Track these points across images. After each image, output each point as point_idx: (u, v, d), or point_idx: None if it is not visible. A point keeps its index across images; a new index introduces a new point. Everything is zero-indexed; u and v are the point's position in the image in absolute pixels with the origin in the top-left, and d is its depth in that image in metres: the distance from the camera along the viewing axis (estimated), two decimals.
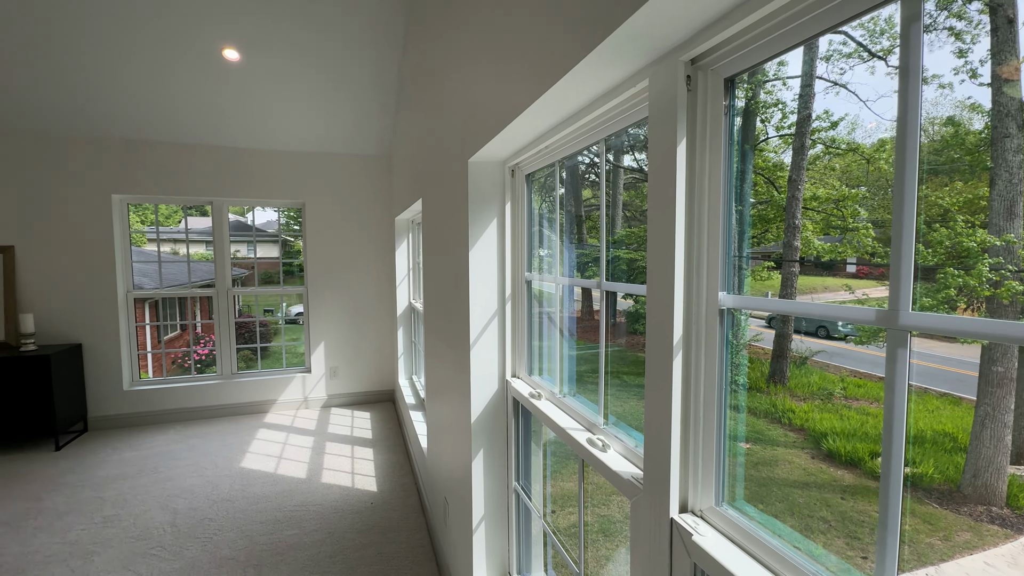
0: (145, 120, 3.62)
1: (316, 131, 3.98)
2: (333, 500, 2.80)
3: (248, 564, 2.23)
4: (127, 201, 4.02)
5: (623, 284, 1.18)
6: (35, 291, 3.73)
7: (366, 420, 4.13)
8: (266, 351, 4.81)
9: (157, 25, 2.74)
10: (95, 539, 2.42)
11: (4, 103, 3.29)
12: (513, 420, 1.66)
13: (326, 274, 4.41)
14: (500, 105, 1.28)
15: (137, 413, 4.01)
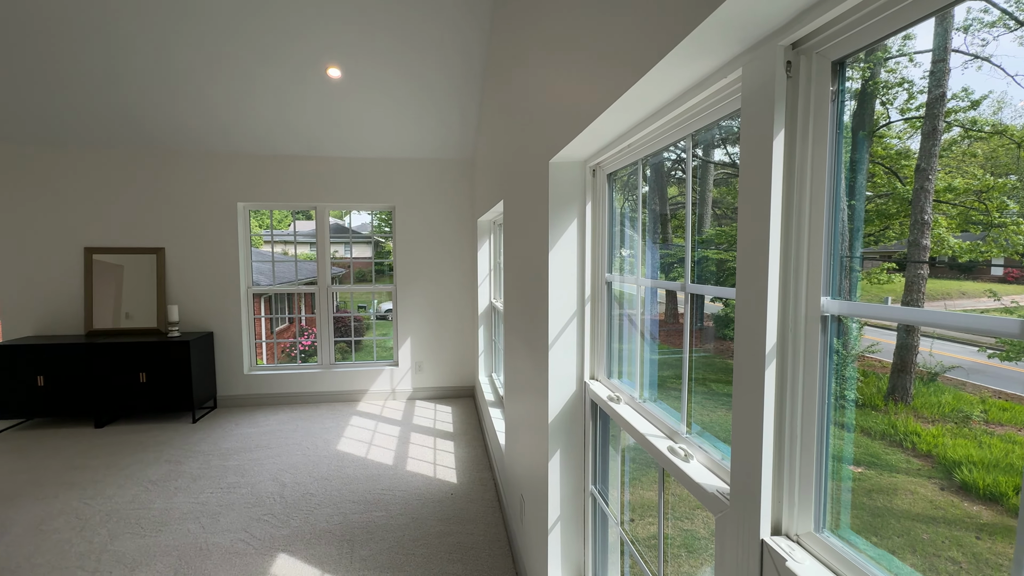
0: (264, 137, 4.09)
1: (405, 138, 4.22)
2: (416, 488, 2.96)
3: (343, 539, 2.43)
4: (249, 208, 4.57)
5: (710, 287, 1.11)
6: (179, 286, 4.38)
7: (448, 414, 4.31)
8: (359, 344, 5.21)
9: (278, 55, 3.08)
10: (220, 502, 2.78)
11: (165, 127, 3.90)
12: (591, 422, 1.63)
13: (413, 273, 4.67)
14: (581, 105, 1.27)
15: (254, 395, 4.55)
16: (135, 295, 4.30)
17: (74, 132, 3.94)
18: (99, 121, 3.80)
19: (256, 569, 2.20)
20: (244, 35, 2.94)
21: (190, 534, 2.47)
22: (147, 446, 3.58)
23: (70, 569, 2.20)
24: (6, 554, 2.30)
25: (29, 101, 3.52)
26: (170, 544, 2.38)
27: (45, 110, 3.63)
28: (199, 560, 2.26)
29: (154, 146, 4.19)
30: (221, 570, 2.19)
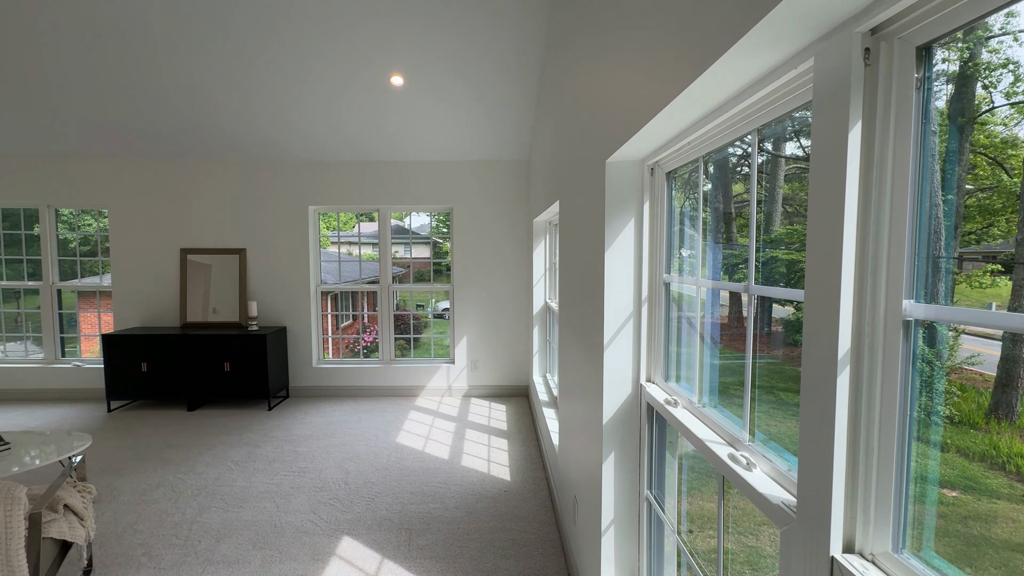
0: (331, 144, 4.35)
1: (463, 141, 4.33)
2: (471, 483, 3.02)
3: (401, 527, 2.54)
4: (318, 211, 4.88)
5: (776, 288, 1.06)
6: (258, 283, 4.76)
7: (502, 412, 4.36)
8: (417, 342, 5.40)
9: (346, 68, 3.27)
10: (292, 484, 2.99)
11: (248, 139, 4.25)
12: (647, 426, 1.60)
13: (470, 273, 4.77)
14: (640, 102, 1.25)
15: (321, 386, 4.84)
16: (221, 292, 4.72)
17: (173, 146, 4.39)
18: (193, 136, 4.21)
19: (323, 549, 2.35)
20: (316, 53, 3.14)
21: (266, 512, 2.68)
22: (230, 429, 3.92)
23: (166, 536, 2.45)
24: (115, 519, 2.61)
25: (140, 121, 3.97)
26: (249, 519, 2.60)
27: (151, 128, 4.08)
28: (274, 536, 2.45)
29: (238, 156, 4.58)
30: (293, 547, 2.36)
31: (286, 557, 2.29)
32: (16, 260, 4.90)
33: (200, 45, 3.10)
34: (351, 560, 2.27)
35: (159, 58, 3.23)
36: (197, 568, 2.21)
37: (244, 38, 3.04)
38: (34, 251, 4.86)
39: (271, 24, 2.92)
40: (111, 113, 3.88)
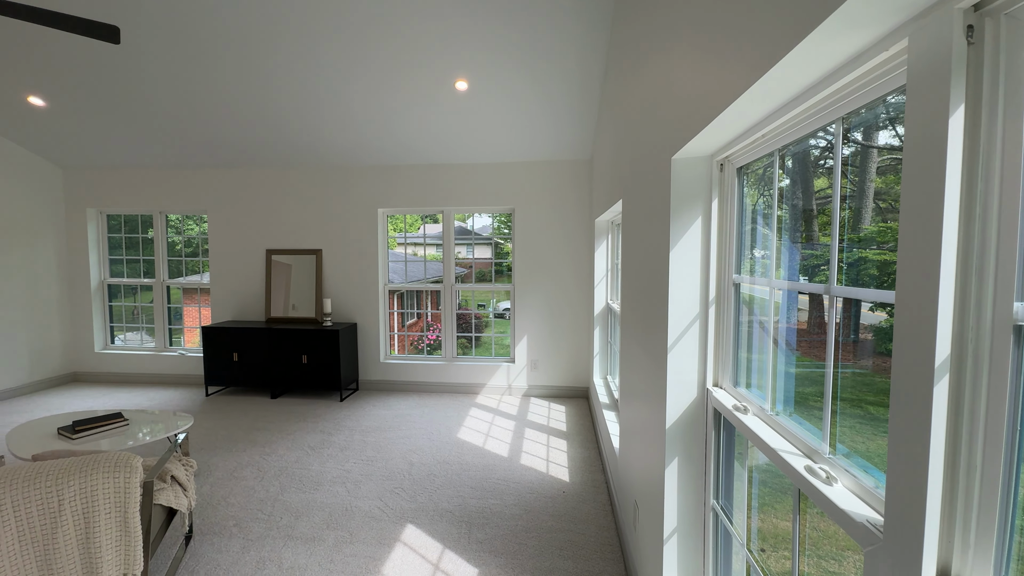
0: (400, 149, 4.56)
1: (525, 142, 4.37)
2: (529, 482, 3.04)
3: (461, 520, 2.61)
4: (387, 213, 5.13)
5: (860, 289, 0.98)
6: (332, 281, 5.09)
7: (561, 413, 4.35)
8: (478, 340, 5.52)
9: (413, 76, 3.42)
10: (362, 472, 3.17)
11: (324, 149, 4.58)
12: (713, 432, 1.54)
13: (531, 273, 4.80)
14: (709, 95, 1.21)
15: (388, 381, 5.08)
16: (300, 289, 5.10)
17: (261, 157, 4.81)
18: (277, 147, 4.58)
19: (389, 534, 2.47)
20: (387, 64, 3.31)
21: (338, 496, 2.86)
22: (306, 417, 4.22)
23: (252, 511, 2.69)
24: (211, 492, 2.91)
25: (233, 136, 4.39)
26: (324, 501, 2.79)
27: (243, 142, 4.50)
28: (345, 519, 2.61)
29: (316, 164, 4.92)
30: (362, 530, 2.51)
31: (356, 539, 2.43)
32: (134, 260, 5.59)
33: (283, 67, 3.38)
34: (415, 547, 2.37)
35: (249, 82, 3.55)
36: (279, 542, 2.41)
37: (322, 57, 3.27)
38: (148, 252, 5.52)
39: (347, 42, 3.12)
40: (210, 132, 4.32)
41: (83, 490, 1.67)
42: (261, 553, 2.32)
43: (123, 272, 5.59)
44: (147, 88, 3.76)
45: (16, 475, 1.62)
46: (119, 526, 1.73)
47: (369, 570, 2.20)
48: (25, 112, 4.23)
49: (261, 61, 3.37)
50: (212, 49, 3.26)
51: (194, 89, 3.74)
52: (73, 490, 1.66)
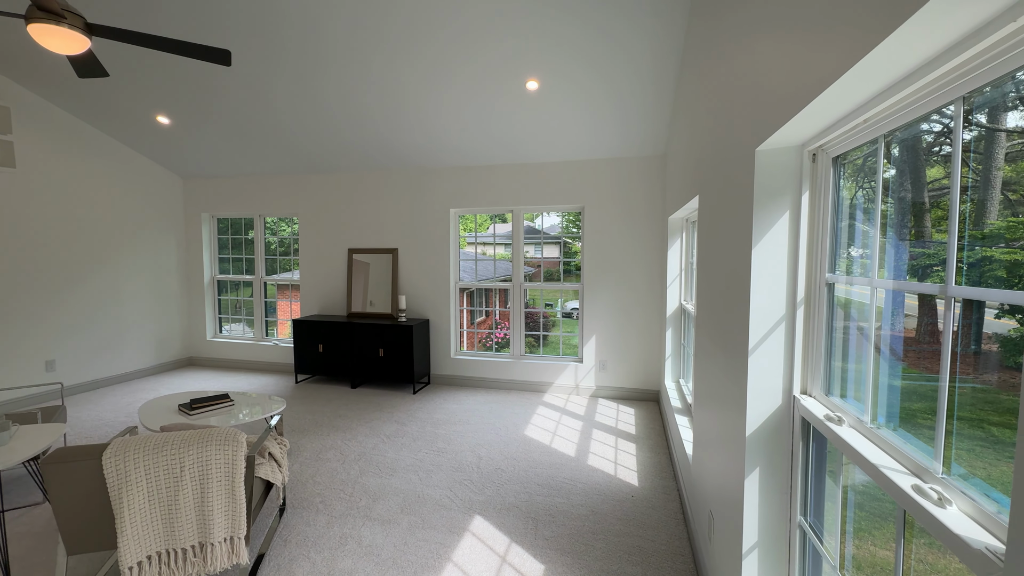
0: (471, 150, 4.68)
1: (595, 140, 4.30)
2: (597, 483, 3.00)
3: (528, 516, 2.64)
4: (458, 213, 5.29)
5: (986, 289, 0.86)
6: (407, 279, 5.34)
7: (630, 416, 4.24)
8: (546, 339, 5.53)
9: (485, 78, 3.50)
10: (432, 462, 3.31)
11: (401, 152, 4.82)
12: (801, 443, 1.43)
13: (600, 273, 4.73)
14: (801, 79, 1.12)
15: (458, 376, 5.25)
16: (377, 286, 5.41)
17: (344, 162, 5.17)
18: (358, 152, 4.89)
19: (458, 523, 2.56)
20: (458, 67, 3.42)
21: (411, 483, 3.00)
22: (382, 407, 4.48)
23: (335, 491, 2.91)
24: (300, 470, 3.17)
25: (320, 144, 4.75)
26: (398, 487, 2.95)
27: (328, 149, 4.86)
28: (417, 505, 2.74)
29: (393, 167, 5.20)
30: (433, 517, 2.62)
31: (427, 525, 2.54)
32: (238, 259, 6.23)
33: (367, 78, 3.60)
34: (482, 538, 2.43)
35: (337, 94, 3.83)
36: (359, 521, 2.58)
37: (402, 65, 3.44)
38: (249, 252, 6.13)
39: (424, 50, 3.26)
40: (301, 140, 4.71)
41: (199, 459, 1.90)
42: (343, 530, 2.50)
43: (229, 269, 6.25)
44: (249, 105, 4.18)
45: (147, 444, 1.87)
46: (227, 493, 1.94)
47: (440, 555, 2.29)
48: (153, 130, 4.87)
49: (348, 74, 3.62)
50: (305, 67, 3.56)
51: (289, 104, 4.09)
52: (192, 459, 1.89)
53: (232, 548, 1.96)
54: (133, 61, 3.72)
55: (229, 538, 1.96)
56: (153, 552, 1.87)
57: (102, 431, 3.87)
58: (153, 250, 5.68)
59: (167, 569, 1.89)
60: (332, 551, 2.32)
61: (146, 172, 5.55)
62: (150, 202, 5.62)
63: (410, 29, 3.09)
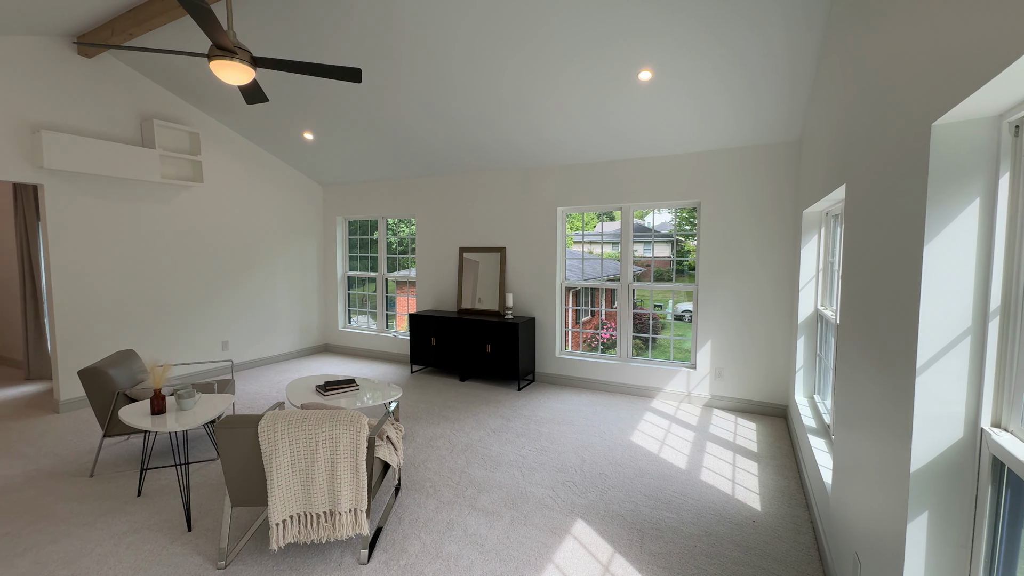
0: (579, 147, 4.61)
1: (714, 129, 3.96)
2: (711, 501, 2.76)
3: (633, 526, 2.51)
4: (566, 211, 5.25)
5: None
6: (514, 277, 5.45)
7: (751, 431, 3.84)
8: (655, 342, 5.25)
9: (594, 72, 3.42)
10: (535, 460, 3.32)
11: (509, 151, 4.93)
12: (991, 488, 1.14)
13: (718, 273, 4.36)
14: (1002, 30, 0.89)
15: (562, 375, 5.22)
16: (485, 284, 5.59)
17: (457, 164, 5.43)
18: (471, 154, 5.10)
19: (560, 525, 2.53)
20: (567, 65, 3.37)
21: (514, 478, 3.05)
22: (488, 402, 4.62)
23: (443, 478, 3.06)
24: (413, 454, 3.40)
25: (436, 148, 5.05)
26: (501, 481, 3.01)
27: (443, 152, 5.14)
28: (520, 501, 2.77)
29: (503, 167, 5.33)
30: (535, 515, 2.62)
31: (529, 522, 2.56)
32: (364, 257, 6.91)
33: (476, 80, 3.73)
34: (584, 543, 2.37)
35: (449, 100, 4.03)
36: (464, 509, 2.68)
37: (508, 64, 3.50)
38: (373, 251, 6.75)
39: (532, 49, 3.28)
40: (418, 145, 5.06)
41: (330, 436, 2.12)
42: (451, 516, 2.62)
43: (357, 267, 6.96)
44: (375, 117, 4.58)
45: (290, 418, 2.14)
46: (352, 469, 2.14)
47: (541, 555, 2.28)
48: (300, 144, 5.59)
49: (461, 80, 3.79)
50: (421, 76, 3.80)
51: (409, 112, 4.41)
52: (324, 435, 2.12)
53: (355, 519, 2.16)
54: (285, 86, 4.30)
55: (353, 509, 2.16)
56: (294, 513, 2.13)
57: (259, 403, 4.55)
58: (299, 249, 6.53)
59: (304, 529, 2.14)
60: (440, 535, 2.44)
61: (295, 182, 6.40)
62: (298, 208, 6.47)
63: (515, 24, 3.13)
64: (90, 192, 4.38)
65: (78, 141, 4.10)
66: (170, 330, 5.07)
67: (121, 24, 3.59)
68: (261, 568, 2.17)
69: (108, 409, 3.05)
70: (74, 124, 4.25)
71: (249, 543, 2.36)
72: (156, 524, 2.52)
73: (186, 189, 5.13)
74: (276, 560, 2.23)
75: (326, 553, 2.28)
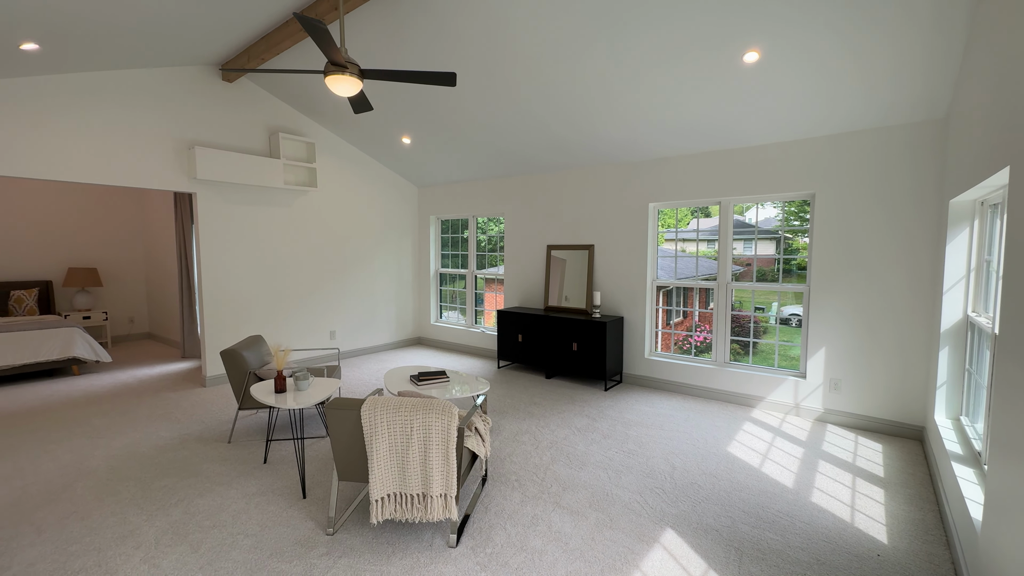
0: (671, 139, 4.38)
1: (834, 111, 3.53)
2: (824, 527, 2.48)
3: (730, 543, 2.34)
4: (658, 208, 5.03)
5: None
6: (602, 275, 5.34)
7: (876, 453, 3.38)
8: (756, 347, 4.83)
9: (690, 60, 3.22)
10: (622, 462, 3.22)
11: (599, 148, 4.84)
12: None
13: (835, 273, 3.89)
14: None
15: (651, 377, 5.01)
16: (572, 282, 5.54)
17: (545, 163, 5.44)
18: (559, 152, 5.08)
19: (647, 532, 2.43)
20: (660, 55, 3.21)
21: (599, 480, 2.98)
22: (574, 400, 4.58)
23: (529, 473, 3.09)
24: (499, 448, 3.48)
25: (524, 148, 5.11)
26: (586, 481, 2.96)
27: (531, 151, 5.18)
28: (606, 503, 2.71)
29: (591, 164, 5.24)
30: (621, 519, 2.54)
31: (615, 526, 2.49)
32: (455, 255, 7.20)
33: (564, 78, 3.69)
34: (675, 555, 2.25)
35: (536, 99, 4.04)
36: (549, 506, 2.68)
37: (597, 61, 3.42)
38: (463, 248, 7.01)
39: (619, 44, 3.17)
40: (506, 146, 5.14)
41: (424, 423, 2.24)
42: (535, 510, 2.63)
43: (448, 264, 7.27)
44: (465, 121, 4.75)
45: (388, 404, 2.29)
46: (443, 456, 2.24)
47: (627, 561, 2.21)
48: (399, 148, 5.97)
49: (549, 77, 3.78)
50: (512, 78, 3.85)
51: (499, 114, 4.50)
52: (419, 421, 2.24)
53: (445, 503, 2.26)
54: (386, 95, 4.62)
55: (444, 494, 2.26)
56: (391, 492, 2.28)
57: (361, 389, 4.95)
58: (396, 247, 6.99)
59: (400, 508, 2.28)
60: (525, 528, 2.47)
61: (394, 184, 6.86)
62: (396, 208, 6.93)
63: (603, 19, 3.04)
64: (230, 198, 5.06)
65: (221, 155, 4.76)
66: (288, 319, 5.70)
67: (255, 50, 4.10)
68: (363, 539, 2.36)
69: (242, 385, 3.51)
70: (218, 140, 4.94)
71: (352, 515, 2.57)
72: (278, 489, 2.85)
73: (303, 194, 5.73)
74: (375, 533, 2.41)
75: (419, 532, 2.42)
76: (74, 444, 3.51)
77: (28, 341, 5.07)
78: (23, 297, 6.19)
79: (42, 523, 2.49)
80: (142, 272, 7.69)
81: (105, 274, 7.29)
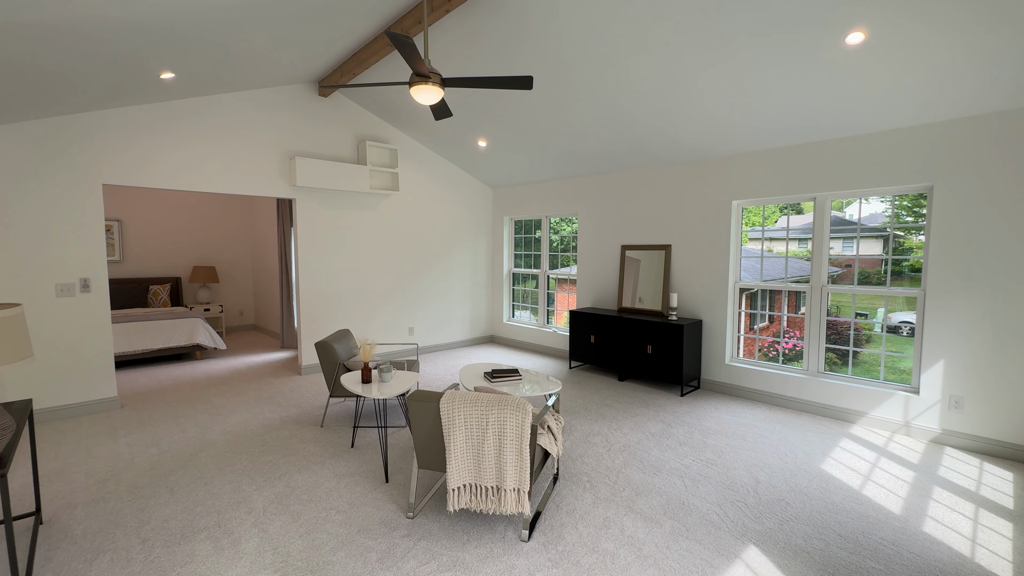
0: (758, 133, 4.09)
1: (953, 93, 3.11)
2: (937, 559, 2.21)
3: (823, 569, 2.16)
4: (742, 205, 4.74)
5: None
6: (679, 276, 5.14)
7: (1005, 482, 2.94)
8: (856, 356, 4.38)
9: (780, 45, 3.00)
10: (699, 472, 3.09)
11: (676, 145, 4.66)
12: None
13: (956, 275, 3.43)
14: None
15: (732, 384, 4.73)
16: (647, 283, 5.39)
17: (620, 162, 5.33)
18: (634, 151, 4.96)
19: (727, 547, 2.31)
20: (747, 40, 3.02)
21: (675, 487, 2.88)
22: (648, 404, 4.45)
23: (600, 475, 3.06)
24: (570, 447, 3.48)
25: (598, 147, 5.04)
26: (661, 487, 2.88)
27: (606, 150, 5.11)
28: (681, 512, 2.61)
29: (668, 162, 5.05)
30: (698, 530, 2.45)
31: (691, 537, 2.40)
32: (527, 255, 7.28)
33: (640, 75, 3.59)
34: (759, 574, 2.13)
35: (614, 99, 3.97)
36: (621, 510, 2.64)
37: (674, 53, 3.29)
38: (536, 248, 7.07)
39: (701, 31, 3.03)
40: (580, 146, 5.11)
41: (498, 419, 2.31)
42: (607, 513, 2.61)
43: (521, 264, 7.37)
44: (539, 121, 4.78)
45: (466, 398, 2.39)
46: (517, 451, 2.30)
47: (706, 574, 2.12)
48: (474, 151, 6.15)
49: (624, 75, 3.71)
50: (586, 78, 3.83)
51: (573, 114, 4.49)
52: (494, 417, 2.32)
53: (518, 498, 2.31)
54: (464, 100, 4.79)
55: (517, 489, 2.31)
56: (467, 482, 2.38)
57: (437, 383, 5.18)
58: (471, 247, 7.21)
59: (475, 499, 2.37)
60: (596, 530, 2.46)
61: (470, 186, 7.08)
62: (471, 209, 7.15)
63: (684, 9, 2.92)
64: (324, 203, 5.53)
65: (317, 163, 5.21)
66: (371, 314, 6.10)
67: (347, 66, 4.45)
68: (440, 525, 2.49)
69: (333, 375, 3.83)
70: (314, 149, 5.42)
71: (430, 502, 2.72)
72: (364, 472, 3.08)
73: (386, 197, 6.10)
74: (452, 521, 2.53)
75: (492, 524, 2.50)
76: (199, 419, 4.03)
77: (162, 329, 5.91)
78: (159, 291, 7.21)
79: (175, 485, 2.91)
80: (250, 270, 8.62)
81: (221, 272, 8.27)
